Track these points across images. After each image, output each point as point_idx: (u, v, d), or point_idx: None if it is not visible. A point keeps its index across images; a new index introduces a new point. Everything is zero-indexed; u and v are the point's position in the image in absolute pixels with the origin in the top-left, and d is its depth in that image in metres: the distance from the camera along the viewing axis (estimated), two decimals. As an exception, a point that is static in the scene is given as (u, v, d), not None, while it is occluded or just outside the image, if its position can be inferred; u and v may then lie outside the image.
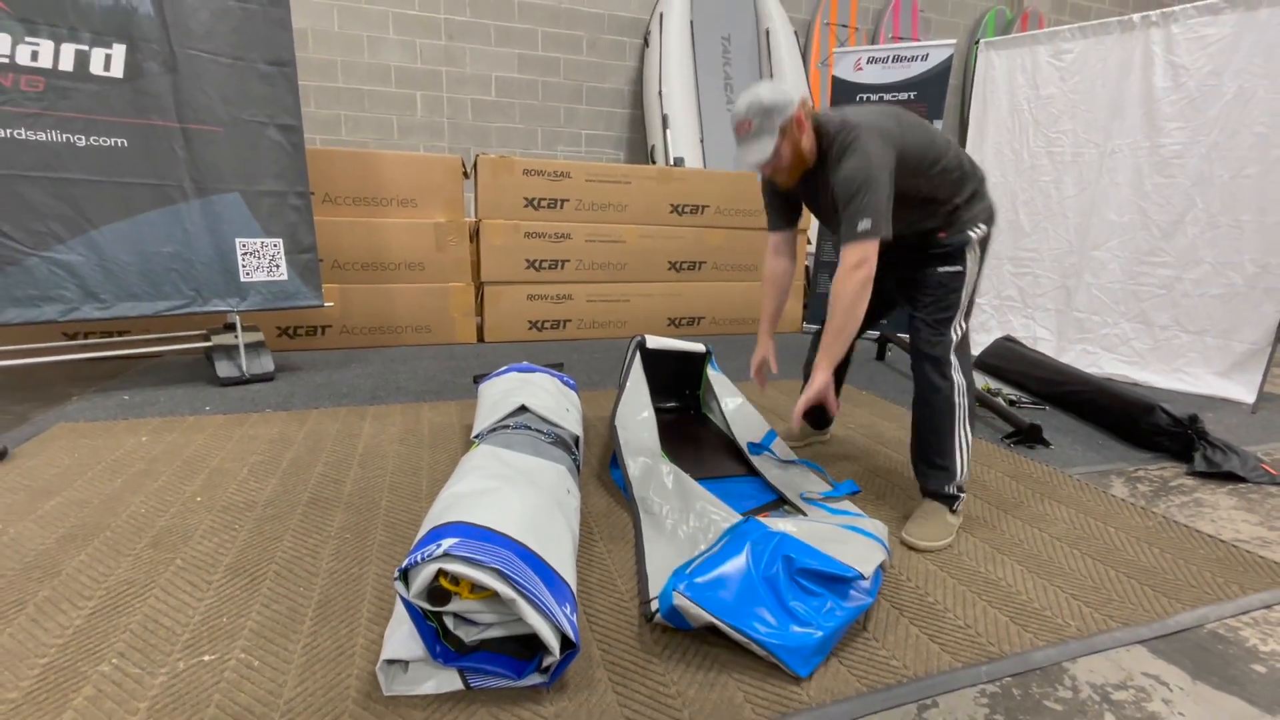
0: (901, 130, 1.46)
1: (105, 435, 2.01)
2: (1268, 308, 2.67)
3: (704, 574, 1.11)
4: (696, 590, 1.08)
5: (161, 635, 1.09)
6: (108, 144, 2.27)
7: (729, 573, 1.11)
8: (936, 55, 3.75)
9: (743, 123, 1.46)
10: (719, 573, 1.11)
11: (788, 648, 1.04)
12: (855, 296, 1.40)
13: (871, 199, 1.37)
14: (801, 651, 1.04)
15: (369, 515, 1.53)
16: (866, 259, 1.38)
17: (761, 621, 1.06)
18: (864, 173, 1.37)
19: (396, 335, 3.45)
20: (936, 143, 1.52)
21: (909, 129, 1.48)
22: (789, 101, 1.44)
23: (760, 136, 1.45)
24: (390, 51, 4.69)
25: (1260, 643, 1.18)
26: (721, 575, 1.11)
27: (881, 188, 1.38)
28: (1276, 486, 1.89)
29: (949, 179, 1.53)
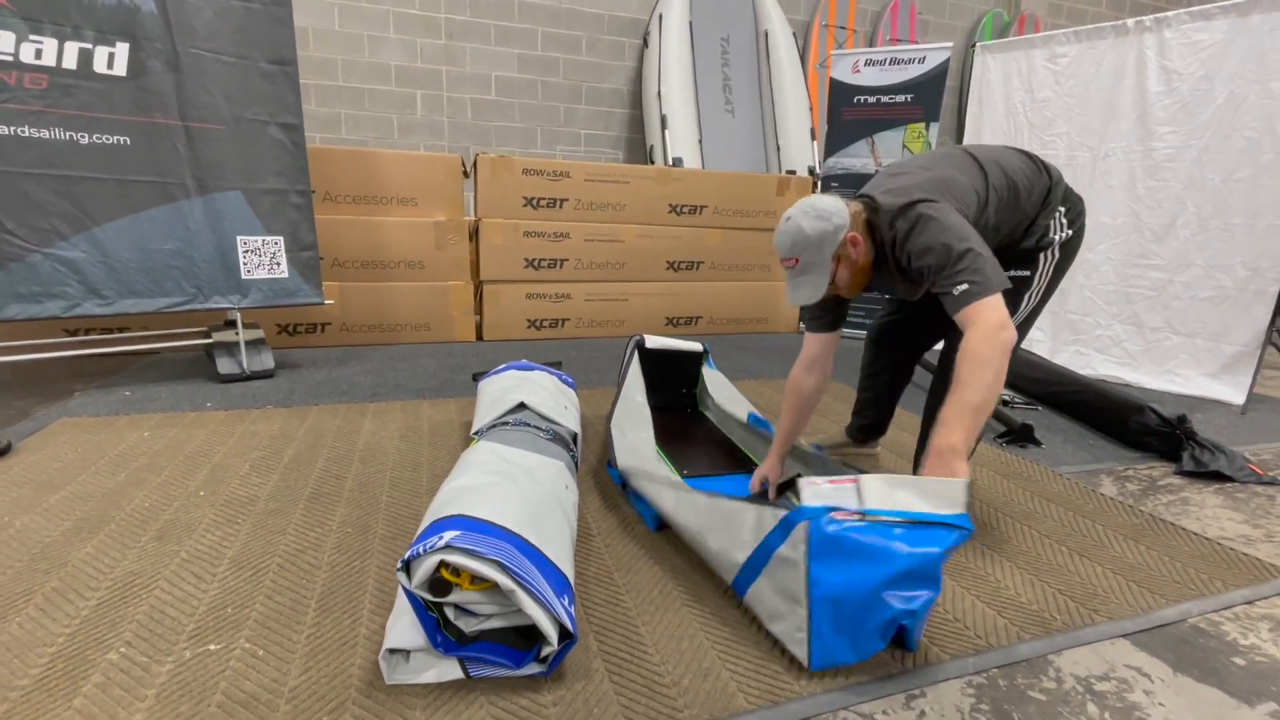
0: (954, 183, 1.35)
1: (107, 430, 2.03)
2: (1258, 310, 2.71)
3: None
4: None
5: (168, 625, 1.11)
6: (110, 141, 2.29)
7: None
8: (934, 58, 3.78)
9: (788, 259, 1.35)
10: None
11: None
12: (1001, 364, 1.16)
13: (975, 263, 1.21)
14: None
15: (370, 510, 1.56)
16: (1006, 319, 1.18)
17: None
18: (948, 236, 1.23)
19: (396, 333, 3.47)
20: (991, 176, 1.41)
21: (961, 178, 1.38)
22: (839, 226, 1.31)
23: (809, 273, 1.34)
24: (391, 50, 4.71)
25: (1240, 636, 1.21)
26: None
27: (977, 241, 1.24)
28: (1263, 486, 1.92)
29: (1014, 202, 1.43)
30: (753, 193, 4.06)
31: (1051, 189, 1.50)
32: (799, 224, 1.34)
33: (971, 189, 1.39)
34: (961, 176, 1.39)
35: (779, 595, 1.09)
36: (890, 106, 3.91)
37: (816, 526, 1.02)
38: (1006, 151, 1.52)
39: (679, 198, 3.90)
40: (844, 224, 1.33)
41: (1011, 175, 1.45)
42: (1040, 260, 1.51)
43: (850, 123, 4.02)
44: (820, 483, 1.08)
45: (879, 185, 1.43)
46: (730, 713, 0.97)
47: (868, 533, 1.02)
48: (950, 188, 1.35)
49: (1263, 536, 1.61)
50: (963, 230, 1.26)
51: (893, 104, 3.89)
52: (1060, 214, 1.52)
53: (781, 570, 1.08)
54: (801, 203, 1.39)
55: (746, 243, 4.12)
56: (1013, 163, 1.48)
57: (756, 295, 4.21)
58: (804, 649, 1.05)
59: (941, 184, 1.35)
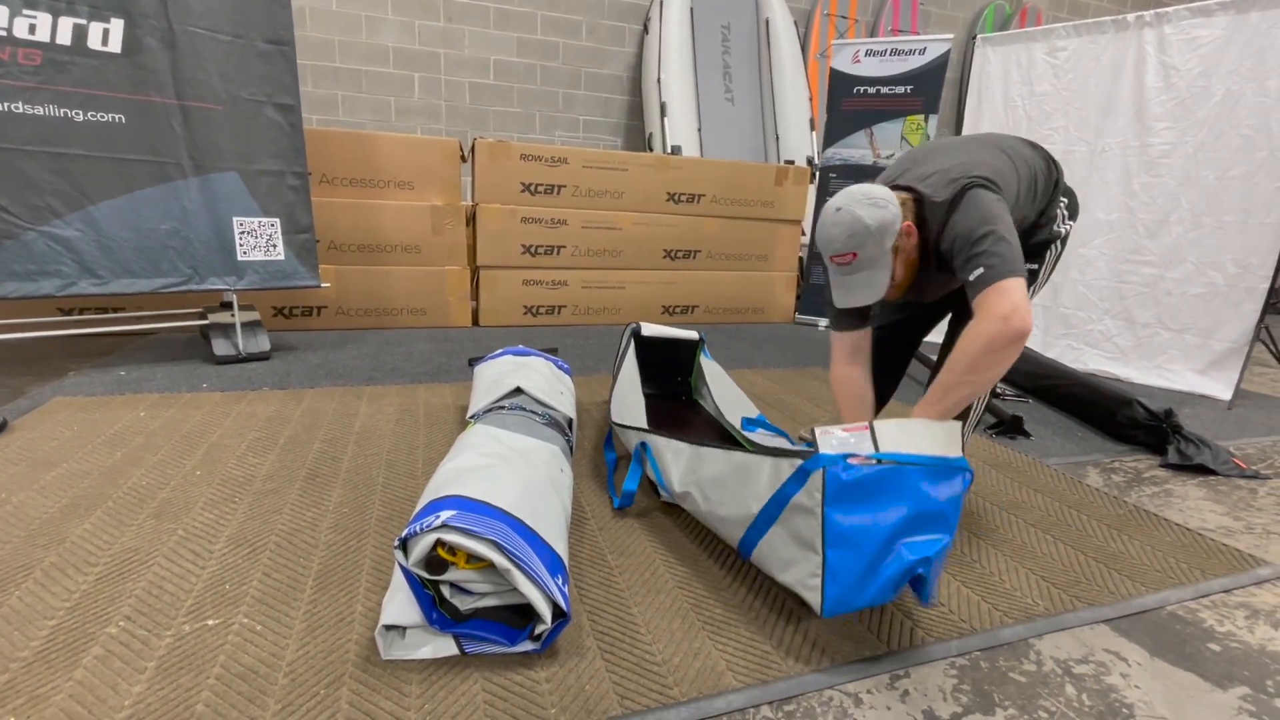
0: (999, 173, 1.30)
1: (103, 410, 2.04)
2: (1247, 307, 2.74)
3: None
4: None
5: (166, 600, 1.13)
6: (105, 119, 2.27)
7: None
8: (934, 50, 3.77)
9: (842, 255, 1.22)
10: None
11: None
12: (998, 353, 1.13)
13: (999, 245, 1.16)
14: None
15: (366, 491, 1.57)
16: (1018, 307, 1.11)
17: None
18: (982, 218, 1.19)
19: (392, 317, 3.47)
20: (1018, 166, 1.37)
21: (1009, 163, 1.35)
22: (895, 215, 1.22)
23: (869, 269, 1.23)
24: (389, 32, 4.66)
25: (1217, 624, 1.24)
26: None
27: (1009, 230, 1.19)
28: (1245, 479, 1.96)
29: (1038, 190, 1.42)
30: (751, 182, 4.05)
31: (1058, 180, 1.50)
32: (855, 213, 1.20)
33: (1009, 176, 1.32)
34: (997, 164, 1.32)
35: (793, 542, 1.09)
36: (890, 98, 3.90)
37: (833, 474, 1.02)
38: (1017, 142, 1.50)
39: (677, 186, 3.89)
40: (899, 211, 1.23)
41: (1031, 165, 1.42)
42: (1047, 255, 1.50)
43: (849, 113, 4.01)
44: (835, 430, 1.09)
45: (913, 174, 1.33)
46: (719, 690, 0.99)
47: (884, 477, 1.03)
48: (994, 175, 1.27)
49: (1243, 528, 1.64)
50: (992, 212, 1.19)
51: (892, 95, 3.89)
52: (1063, 205, 1.52)
53: (797, 518, 1.08)
54: (848, 191, 1.26)
55: (744, 232, 4.12)
56: (1025, 153, 1.46)
57: (753, 285, 4.22)
58: (817, 595, 1.04)
59: (990, 169, 1.28)
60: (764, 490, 1.15)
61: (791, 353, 3.39)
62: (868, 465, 1.03)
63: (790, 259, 4.30)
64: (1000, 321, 1.13)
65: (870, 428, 1.09)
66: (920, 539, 1.05)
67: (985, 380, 1.20)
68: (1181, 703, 1.03)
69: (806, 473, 1.05)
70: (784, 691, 1.00)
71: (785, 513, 1.10)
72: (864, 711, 0.98)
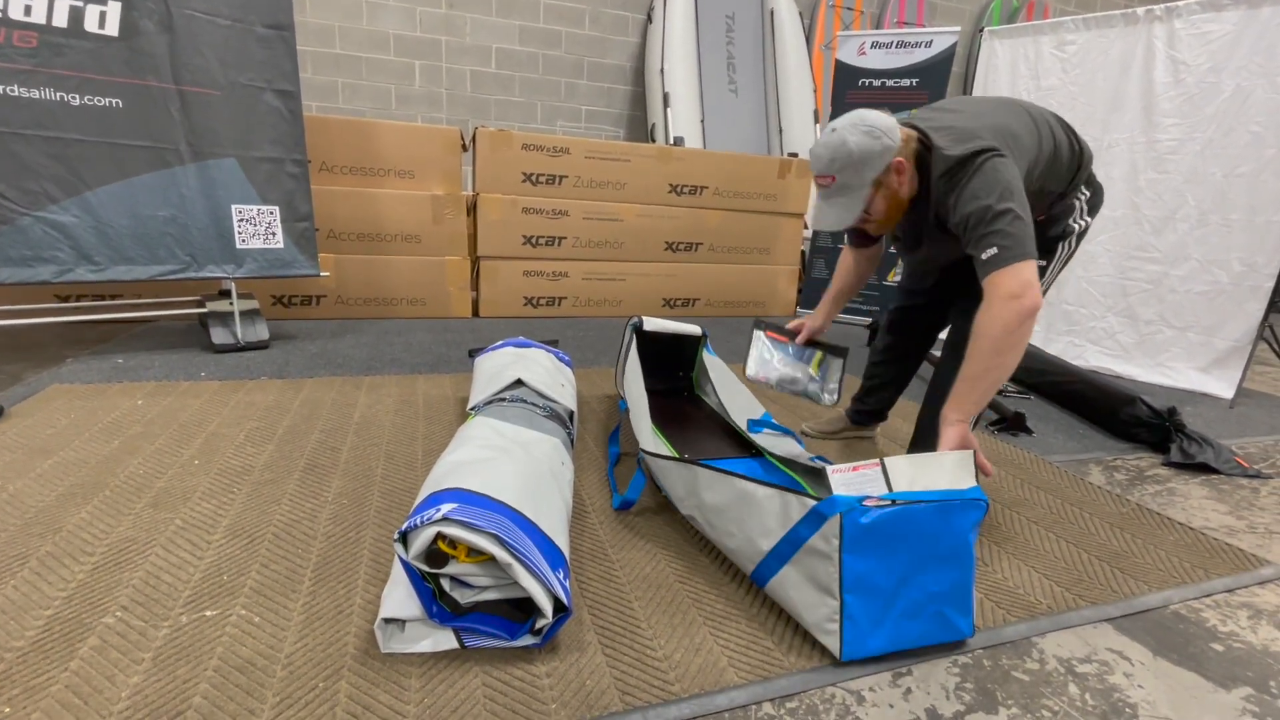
0: (1016, 137, 1.26)
1: (100, 397, 2.02)
2: (1251, 305, 2.72)
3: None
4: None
5: (164, 590, 1.12)
6: (102, 104, 2.25)
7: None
8: (940, 42, 3.74)
9: (822, 176, 1.22)
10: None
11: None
12: (1015, 333, 1.15)
13: (1012, 226, 1.14)
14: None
15: (365, 482, 1.56)
16: (1029, 285, 1.13)
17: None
18: (998, 192, 1.16)
19: (391, 307, 3.45)
20: (1044, 136, 1.32)
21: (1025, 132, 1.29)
22: (887, 148, 1.21)
23: (845, 194, 1.23)
24: (390, 18, 4.62)
25: (1220, 623, 1.23)
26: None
27: (1022, 208, 1.18)
28: (1247, 479, 1.95)
29: (1060, 168, 1.34)
30: (754, 174, 4.03)
31: (1081, 166, 1.42)
32: (844, 137, 1.19)
33: (1030, 145, 1.27)
34: (1020, 129, 1.28)
35: (809, 585, 1.07)
36: (895, 90, 3.87)
37: (850, 520, 1.00)
38: (1052, 116, 1.41)
39: (679, 177, 3.87)
40: (894, 145, 1.21)
41: (1057, 141, 1.35)
42: (1058, 250, 1.46)
43: (854, 105, 3.97)
44: (846, 470, 1.08)
45: (931, 121, 1.29)
46: (720, 686, 0.98)
47: (899, 518, 1.02)
48: (1013, 141, 1.23)
49: (1245, 528, 1.64)
50: (1010, 188, 1.16)
51: (898, 88, 3.86)
52: (1083, 199, 1.45)
53: (813, 561, 1.05)
54: (851, 114, 1.24)
55: (746, 225, 4.10)
56: (1056, 129, 1.38)
57: (755, 278, 4.20)
58: (836, 639, 1.04)
59: (1005, 134, 1.23)
60: (774, 527, 1.11)
61: (793, 347, 3.37)
62: (882, 507, 1.01)
63: (792, 252, 4.28)
64: (1013, 301, 1.13)
65: (881, 464, 1.07)
66: (938, 574, 1.05)
67: (1009, 363, 1.19)
68: (1185, 703, 1.03)
69: (822, 516, 1.03)
70: (786, 688, 1.00)
71: (800, 554, 1.07)
72: (866, 709, 0.98)
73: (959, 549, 1.06)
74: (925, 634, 1.09)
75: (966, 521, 1.06)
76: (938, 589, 1.06)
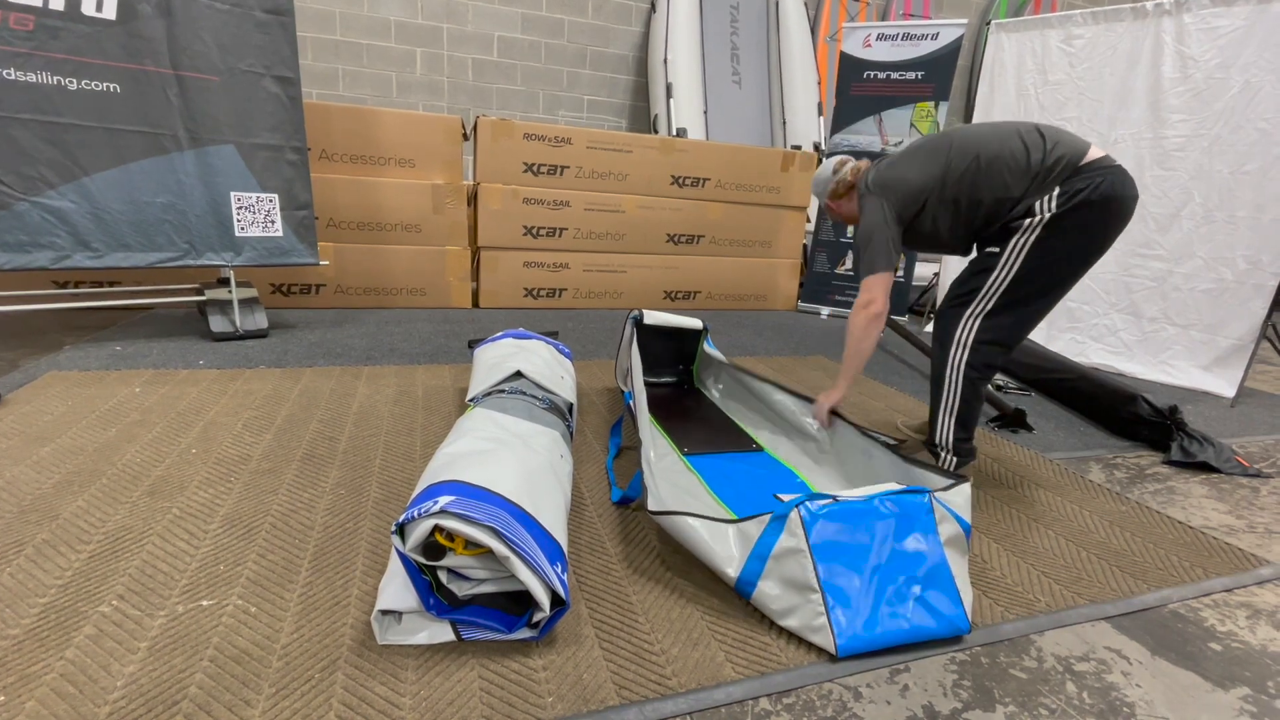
0: (903, 181, 1.66)
1: (98, 385, 2.01)
2: (1255, 304, 2.71)
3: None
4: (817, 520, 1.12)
5: (160, 580, 1.11)
6: (100, 88, 2.22)
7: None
8: (947, 35, 3.70)
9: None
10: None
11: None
12: (862, 330, 1.67)
13: (869, 254, 1.66)
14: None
15: (363, 473, 1.56)
16: (873, 298, 1.65)
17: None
18: (864, 232, 1.69)
19: (391, 297, 3.44)
20: (959, 162, 1.62)
21: (909, 176, 1.67)
22: (829, 179, 1.85)
23: (822, 205, 1.94)
24: (391, 5, 4.57)
25: (1218, 623, 1.23)
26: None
27: (879, 240, 1.65)
28: (1248, 478, 1.95)
29: (984, 182, 1.60)
30: (757, 167, 4.00)
31: (1047, 172, 1.53)
32: (820, 168, 1.89)
33: (919, 187, 1.66)
34: (915, 175, 1.66)
35: (788, 589, 1.10)
36: (900, 83, 3.83)
37: (806, 510, 1.12)
38: (1004, 134, 1.60)
39: (682, 169, 3.84)
40: (836, 179, 1.84)
41: (985, 160, 1.59)
42: (1011, 238, 1.58)
43: (858, 99, 3.95)
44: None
45: (888, 159, 1.77)
46: (717, 682, 0.98)
47: (847, 507, 1.14)
48: (896, 188, 1.67)
49: (1245, 527, 1.63)
50: (871, 223, 1.67)
51: (903, 81, 3.82)
52: (1053, 195, 1.52)
53: (786, 561, 1.10)
54: (827, 161, 1.89)
55: (749, 218, 4.07)
56: (995, 147, 1.58)
57: (756, 272, 4.18)
58: (827, 634, 1.05)
59: (890, 184, 1.68)
60: (735, 553, 1.15)
61: (794, 341, 3.36)
62: (828, 503, 1.14)
63: (794, 246, 4.26)
64: (861, 308, 1.67)
65: (835, 498, 1.18)
66: (907, 558, 1.13)
67: (864, 349, 1.69)
68: (1183, 703, 1.03)
69: (782, 517, 1.12)
70: (783, 684, 0.99)
71: (771, 562, 1.11)
72: (863, 705, 0.98)
73: (920, 532, 1.14)
74: (917, 625, 1.09)
75: (916, 509, 1.16)
76: (912, 573, 1.12)
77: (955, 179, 1.63)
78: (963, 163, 1.62)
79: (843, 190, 1.84)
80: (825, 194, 1.86)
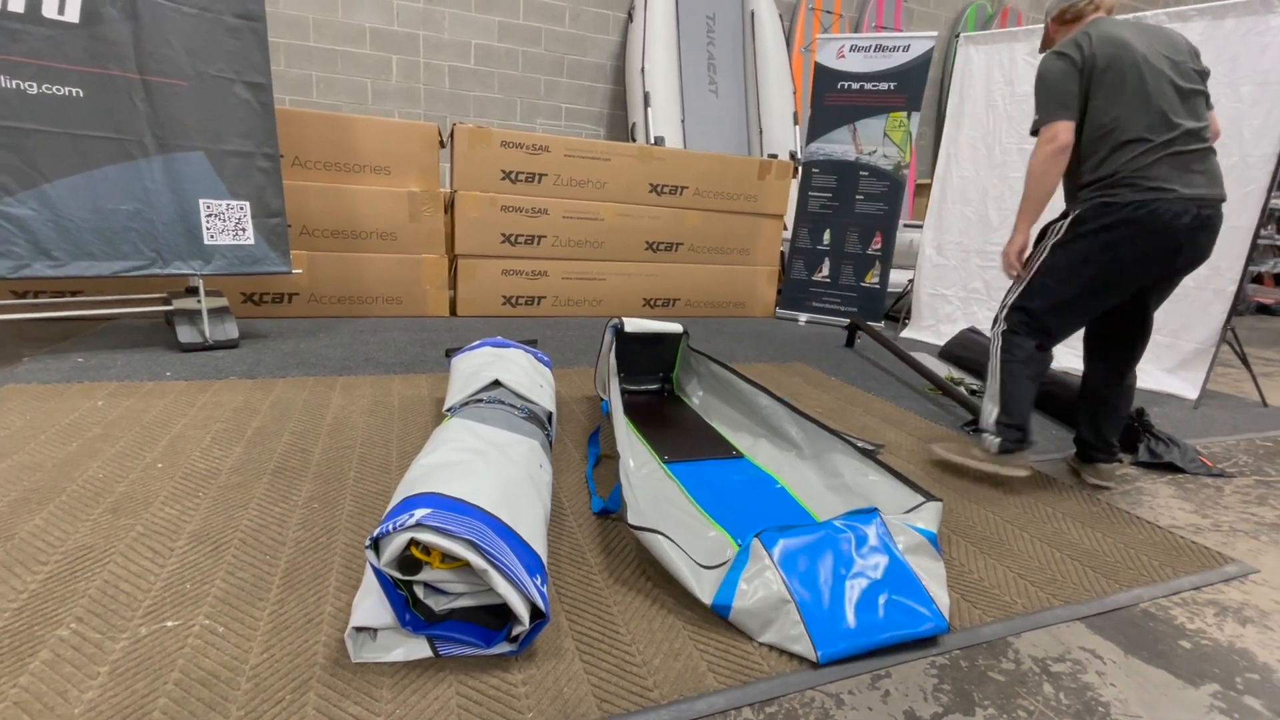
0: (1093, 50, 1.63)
1: (58, 398, 1.95)
2: (1215, 308, 2.80)
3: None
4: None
5: (122, 601, 1.07)
6: (61, 93, 2.16)
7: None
8: (918, 46, 3.78)
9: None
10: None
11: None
12: (1043, 165, 1.65)
13: (1039, 98, 1.69)
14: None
15: (337, 486, 1.52)
16: (1055, 134, 1.64)
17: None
18: (1039, 78, 1.69)
19: (366, 306, 3.39)
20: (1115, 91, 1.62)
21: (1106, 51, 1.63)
22: (1047, 11, 1.87)
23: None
24: (366, 12, 4.53)
25: (1187, 621, 1.26)
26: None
27: (1047, 85, 1.67)
28: (1211, 477, 2.00)
29: (1088, 147, 1.66)
30: (734, 175, 4.04)
31: (1111, 171, 1.61)
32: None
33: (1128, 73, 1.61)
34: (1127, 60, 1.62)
35: (763, 604, 1.11)
36: (873, 94, 3.90)
37: (763, 535, 1.19)
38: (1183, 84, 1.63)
39: (660, 177, 3.86)
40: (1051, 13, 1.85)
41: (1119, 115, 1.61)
42: (1045, 239, 1.75)
43: (832, 108, 4.01)
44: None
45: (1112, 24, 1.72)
46: (699, 692, 0.97)
47: (801, 529, 1.23)
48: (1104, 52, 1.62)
49: (1210, 526, 1.68)
50: (1047, 77, 1.67)
51: (876, 91, 3.89)
52: (1082, 205, 1.66)
53: (756, 581, 1.13)
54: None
55: (727, 225, 4.10)
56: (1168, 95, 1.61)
57: (735, 279, 4.21)
58: (807, 642, 1.06)
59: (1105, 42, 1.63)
60: (706, 590, 1.15)
61: (772, 347, 3.39)
62: (786, 528, 1.22)
63: (772, 253, 4.30)
64: (1044, 143, 1.65)
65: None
66: (867, 562, 1.20)
67: (1047, 185, 1.67)
68: (1155, 701, 1.04)
69: (746, 547, 1.19)
70: (765, 693, 0.99)
71: (742, 585, 1.13)
72: (845, 712, 0.98)
73: (879, 544, 1.23)
74: (893, 624, 1.10)
75: (865, 524, 1.25)
76: (876, 580, 1.16)
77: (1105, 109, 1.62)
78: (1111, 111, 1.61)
79: (1070, 17, 1.79)
80: (1053, 12, 1.83)
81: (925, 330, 3.78)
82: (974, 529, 1.56)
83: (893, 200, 3.93)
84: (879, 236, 3.99)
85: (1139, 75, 1.60)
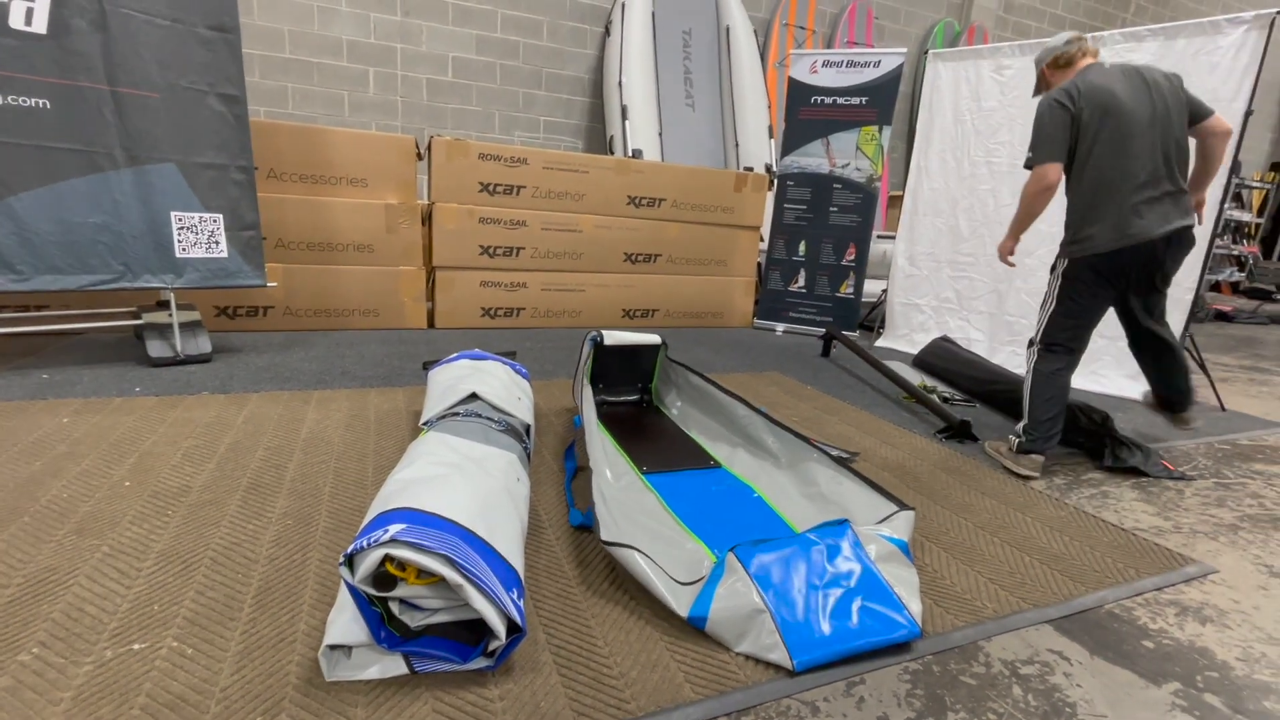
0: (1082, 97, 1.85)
1: (21, 416, 1.90)
2: (1174, 316, 2.89)
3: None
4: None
5: (87, 624, 1.05)
6: (28, 104, 2.13)
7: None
8: (889, 62, 3.88)
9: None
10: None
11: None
12: (1032, 199, 1.93)
13: (1033, 139, 1.91)
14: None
15: (312, 502, 1.50)
16: (1045, 174, 1.88)
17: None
18: (1037, 119, 1.91)
19: (343, 318, 3.36)
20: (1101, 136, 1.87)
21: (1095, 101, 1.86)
22: (1038, 59, 2.08)
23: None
24: (343, 24, 4.52)
25: (1150, 621, 1.30)
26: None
27: (1042, 130, 1.89)
28: (1173, 481, 2.06)
29: (1074, 185, 1.95)
30: (711, 187, 4.09)
31: (1086, 215, 1.93)
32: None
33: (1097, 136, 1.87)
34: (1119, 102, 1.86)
35: (737, 615, 1.12)
36: (845, 108, 3.99)
37: (737, 549, 1.21)
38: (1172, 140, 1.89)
39: (638, 189, 3.89)
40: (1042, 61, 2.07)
41: (1100, 168, 1.89)
42: (1049, 279, 2.09)
43: (807, 122, 4.09)
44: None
45: (1099, 71, 1.93)
46: (676, 703, 0.98)
47: (774, 541, 1.25)
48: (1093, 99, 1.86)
49: (1171, 528, 1.73)
50: (1042, 123, 1.89)
51: (848, 106, 3.98)
52: (1070, 256, 1.99)
53: (731, 593, 1.15)
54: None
55: (704, 237, 4.15)
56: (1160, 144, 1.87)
57: (713, 290, 4.25)
58: (782, 651, 1.08)
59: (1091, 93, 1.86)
60: (682, 604, 1.17)
61: (750, 357, 3.42)
62: (760, 542, 1.24)
63: (749, 264, 4.35)
64: (1034, 180, 1.92)
65: None
66: (839, 571, 1.22)
67: (1034, 211, 1.97)
68: (1120, 700, 1.07)
69: (722, 563, 1.21)
70: (742, 702, 1.00)
71: (717, 598, 1.15)
72: (821, 719, 0.99)
73: (850, 554, 1.25)
74: (866, 632, 1.12)
75: (837, 535, 1.28)
76: (849, 588, 1.19)
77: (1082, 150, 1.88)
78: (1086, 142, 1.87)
79: (1063, 63, 1.98)
80: (1045, 60, 2.01)
81: (899, 339, 3.85)
82: (946, 535, 1.59)
83: (866, 212, 4.01)
84: (853, 248, 4.07)
85: (1120, 126, 1.84)
